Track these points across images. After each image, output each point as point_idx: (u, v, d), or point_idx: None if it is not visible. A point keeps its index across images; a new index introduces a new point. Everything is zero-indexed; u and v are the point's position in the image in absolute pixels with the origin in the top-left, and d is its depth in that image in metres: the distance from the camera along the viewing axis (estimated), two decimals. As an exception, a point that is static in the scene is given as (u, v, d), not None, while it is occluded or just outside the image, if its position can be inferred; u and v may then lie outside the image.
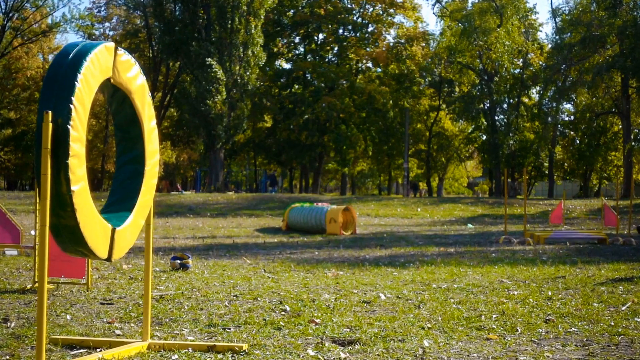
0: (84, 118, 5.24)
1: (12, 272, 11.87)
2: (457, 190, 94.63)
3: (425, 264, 13.97)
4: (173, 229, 26.44)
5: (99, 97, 49.80)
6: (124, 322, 7.56)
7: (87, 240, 5.26)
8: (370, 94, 65.06)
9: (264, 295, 9.47)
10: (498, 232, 25.41)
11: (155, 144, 6.39)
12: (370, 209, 40.15)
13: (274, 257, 15.76)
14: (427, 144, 72.19)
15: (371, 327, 7.27)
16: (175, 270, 12.37)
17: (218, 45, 53.76)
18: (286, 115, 65.43)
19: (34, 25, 70.40)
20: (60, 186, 5.06)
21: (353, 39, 69.03)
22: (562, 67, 58.47)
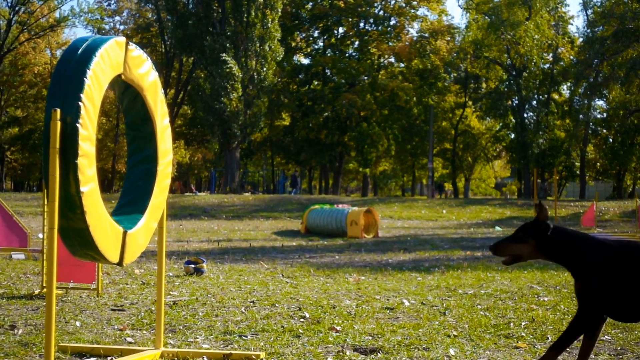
0: (93, 116, 5.25)
1: (20, 277, 11.92)
2: (484, 192, 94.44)
3: (451, 268, 13.94)
4: (187, 232, 26.49)
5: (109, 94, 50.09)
6: (136, 329, 7.58)
7: (97, 244, 5.27)
8: (393, 90, 64.97)
9: (282, 301, 9.47)
10: (527, 235, 25.26)
11: (168, 143, 6.40)
12: (393, 211, 40.11)
13: (292, 262, 15.76)
14: (453, 142, 72.10)
15: (394, 334, 7.25)
16: (190, 275, 12.38)
17: (233, 39, 53.83)
18: (305, 113, 65.48)
19: (42, 19, 70.72)
20: (69, 187, 5.06)
21: (374, 33, 68.97)
22: (594, 62, 58.23)
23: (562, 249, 5.14)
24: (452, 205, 45.33)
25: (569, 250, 5.13)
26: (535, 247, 5.16)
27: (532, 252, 5.20)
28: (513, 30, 60.54)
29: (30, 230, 15.67)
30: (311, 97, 65.92)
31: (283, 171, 75.79)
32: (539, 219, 5.18)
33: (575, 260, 5.12)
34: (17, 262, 14.66)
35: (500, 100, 65.11)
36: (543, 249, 5.16)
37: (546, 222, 5.17)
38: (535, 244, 5.16)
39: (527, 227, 5.22)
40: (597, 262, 5.07)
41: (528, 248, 5.18)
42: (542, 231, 5.14)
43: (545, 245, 5.14)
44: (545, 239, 5.14)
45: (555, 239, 5.15)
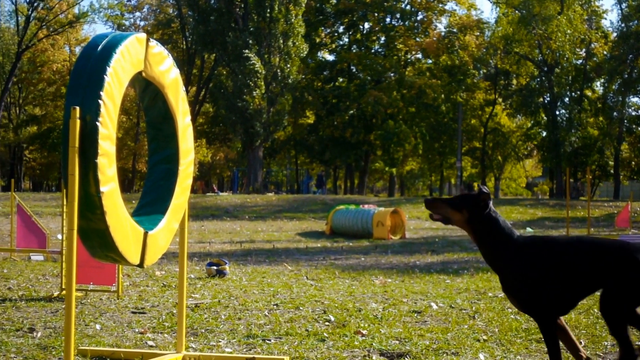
0: (113, 114, 5.27)
1: (38, 279, 11.99)
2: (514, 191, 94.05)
3: (480, 270, 13.90)
4: (209, 233, 26.57)
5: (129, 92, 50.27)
6: (157, 332, 7.61)
7: (118, 245, 5.28)
8: (421, 87, 64.84)
9: (306, 304, 9.47)
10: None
11: (189, 142, 6.41)
12: (421, 211, 40.01)
13: (317, 263, 15.77)
14: (482, 141, 71.81)
15: (422, 339, 7.25)
16: (212, 277, 12.42)
17: (256, 35, 53.87)
18: (329, 111, 65.46)
19: (60, 15, 71.07)
20: (89, 187, 5.08)
21: (401, 28, 68.84)
22: (629, 58, 57.94)
23: (489, 231, 5.33)
24: (482, 205, 45.15)
25: (494, 237, 5.32)
26: (467, 219, 5.36)
27: (461, 221, 5.40)
28: (545, 24, 60.27)
29: (49, 231, 15.80)
30: (336, 94, 65.87)
31: (307, 171, 75.80)
32: (480, 195, 5.33)
33: (496, 249, 5.32)
34: (35, 263, 14.75)
35: (531, 97, 64.85)
36: (472, 224, 5.35)
37: (486, 200, 5.32)
38: (468, 215, 5.34)
39: (466, 197, 5.41)
40: (515, 258, 5.26)
41: (459, 216, 5.38)
42: (479, 207, 5.31)
43: (476, 221, 5.33)
44: (478, 216, 5.32)
45: (487, 219, 5.32)
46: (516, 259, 5.28)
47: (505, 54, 66.54)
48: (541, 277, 5.19)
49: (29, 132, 76.02)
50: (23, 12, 68.62)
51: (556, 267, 5.19)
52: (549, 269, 5.20)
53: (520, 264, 5.26)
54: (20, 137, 74.35)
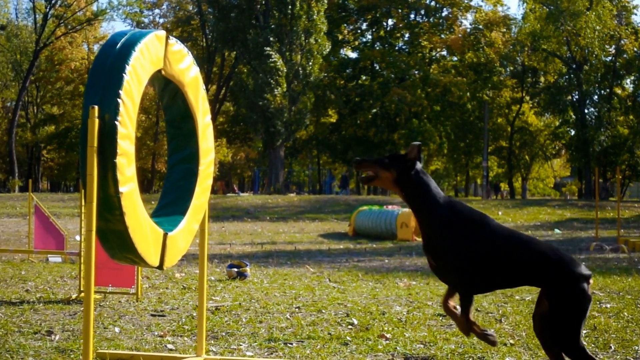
0: (133, 113, 5.28)
1: (56, 281, 12.04)
2: (542, 192, 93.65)
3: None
4: (229, 234, 26.61)
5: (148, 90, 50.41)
6: (177, 335, 7.62)
7: (137, 247, 5.30)
8: (446, 86, 64.72)
9: (328, 307, 9.47)
10: (588, 239, 25.09)
11: (210, 142, 6.43)
12: (446, 212, 39.89)
13: (339, 266, 15.76)
14: (509, 140, 71.57)
15: (447, 343, 7.23)
16: (232, 280, 12.43)
17: (277, 32, 53.93)
18: (352, 110, 65.45)
19: (78, 12, 71.38)
20: (108, 187, 5.10)
21: (426, 25, 68.79)
22: (660, 54, 57.59)
23: (416, 192, 5.38)
24: (509, 206, 45.05)
25: (421, 198, 5.38)
26: (395, 178, 5.41)
27: (389, 180, 5.45)
28: (573, 21, 60.03)
29: (67, 233, 15.86)
30: (359, 92, 65.81)
31: (329, 171, 75.73)
32: (408, 155, 5.40)
33: (425, 209, 5.38)
34: (53, 265, 14.81)
35: (559, 95, 64.62)
36: (400, 184, 5.40)
37: (414, 160, 5.38)
38: (396, 175, 5.40)
39: (394, 157, 5.46)
40: (444, 220, 5.31)
41: (388, 175, 5.42)
42: (406, 166, 5.37)
43: (405, 181, 5.38)
44: (406, 175, 5.37)
45: (416, 178, 5.37)
46: (440, 225, 5.32)
47: (532, 50, 66.31)
48: (463, 250, 5.23)
49: (46, 132, 76.42)
50: (41, 10, 69.02)
51: (479, 247, 5.23)
52: (472, 242, 5.24)
53: (443, 231, 5.30)
54: (38, 137, 74.75)
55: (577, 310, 5.00)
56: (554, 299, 5.05)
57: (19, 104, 68.97)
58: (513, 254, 5.19)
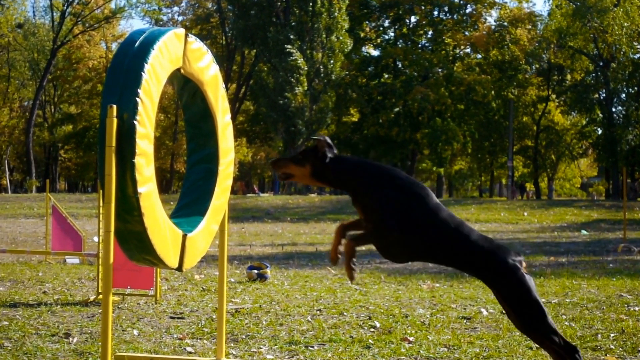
0: (151, 113, 5.30)
1: (74, 283, 12.09)
2: (568, 192, 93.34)
3: (533, 275, 13.80)
4: (249, 236, 26.64)
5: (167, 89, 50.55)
6: (196, 338, 7.64)
7: (156, 248, 5.31)
8: (470, 84, 64.58)
9: (350, 309, 9.47)
10: (616, 240, 24.98)
11: (229, 141, 6.43)
12: (470, 213, 39.89)
13: (361, 267, 15.74)
14: (535, 139, 71.39)
15: (472, 346, 7.22)
16: (252, 281, 12.45)
17: (298, 30, 53.95)
18: (374, 108, 65.39)
19: (96, 10, 71.71)
20: (126, 188, 5.12)
21: (449, 22, 68.66)
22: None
23: (344, 177, 5.44)
24: (534, 207, 44.93)
25: (351, 180, 5.42)
26: (311, 173, 5.49)
27: (306, 176, 5.53)
28: (600, 17, 59.79)
29: (85, 234, 15.92)
30: (381, 91, 65.75)
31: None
32: (317, 148, 5.45)
33: (360, 189, 5.39)
34: (71, 266, 14.86)
35: (586, 94, 64.37)
36: (318, 176, 5.49)
37: (324, 151, 5.44)
38: (311, 169, 5.47)
39: (306, 152, 5.54)
40: (384, 194, 5.33)
41: (303, 171, 5.50)
42: (319, 159, 5.44)
43: (322, 173, 5.46)
44: (321, 167, 5.45)
45: (335, 167, 5.42)
46: (380, 196, 5.34)
47: (558, 48, 66.08)
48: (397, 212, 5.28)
49: (64, 131, 76.75)
50: (58, 8, 69.37)
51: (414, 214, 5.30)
52: (406, 207, 5.30)
53: (381, 196, 5.34)
54: (55, 137, 75.11)
55: (523, 293, 5.12)
56: (498, 290, 5.22)
57: (36, 103, 69.33)
58: (445, 235, 5.26)
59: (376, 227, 5.30)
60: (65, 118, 77.90)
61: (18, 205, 41.82)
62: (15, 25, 74.74)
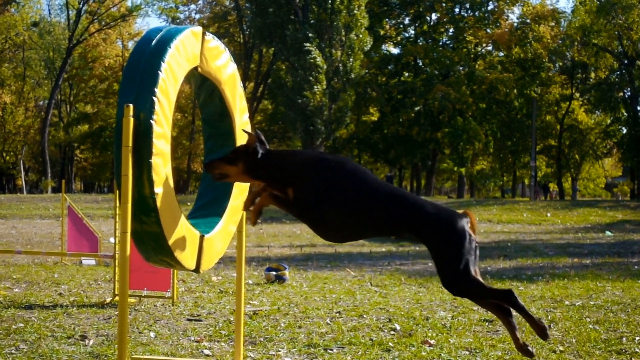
0: (168, 112, 5.31)
1: (90, 284, 12.13)
2: (592, 193, 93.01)
3: (556, 277, 13.78)
4: (267, 237, 26.66)
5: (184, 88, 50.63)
6: (214, 340, 7.65)
7: (173, 249, 5.32)
8: (492, 83, 64.43)
9: (370, 312, 9.47)
10: (642, 241, 24.92)
11: (248, 141, 6.44)
12: (492, 213, 39.81)
13: (381, 269, 15.74)
14: (558, 139, 71.17)
15: (494, 349, 7.21)
16: (271, 283, 12.46)
17: (317, 28, 53.88)
18: (394, 107, 65.28)
19: (112, 8, 71.93)
20: (143, 188, 5.13)
21: (471, 19, 68.51)
22: None
23: (275, 171, 5.47)
24: (558, 207, 44.80)
25: (282, 172, 5.46)
26: (244, 170, 5.52)
27: (240, 174, 5.56)
28: (625, 14, 59.59)
29: (101, 235, 15.98)
30: (401, 89, 65.63)
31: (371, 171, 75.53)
32: (248, 144, 5.51)
33: (292, 182, 5.43)
34: (87, 268, 14.92)
35: (610, 92, 64.14)
36: (253, 173, 5.53)
37: (255, 147, 5.48)
38: (243, 167, 5.50)
39: (237, 151, 5.60)
40: (314, 184, 5.38)
41: (236, 170, 5.53)
42: (250, 155, 5.48)
43: (256, 169, 5.50)
44: (253, 163, 5.48)
45: (265, 162, 5.46)
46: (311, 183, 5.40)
47: (582, 45, 65.87)
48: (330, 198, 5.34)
49: (80, 131, 77.01)
50: (74, 6, 69.62)
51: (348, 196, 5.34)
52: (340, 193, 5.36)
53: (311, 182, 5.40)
54: (71, 136, 75.37)
55: (458, 248, 5.14)
56: (434, 245, 5.24)
57: (52, 102, 69.59)
58: (383, 200, 5.34)
59: (310, 210, 5.36)
60: (81, 117, 78.14)
61: (33, 206, 41.99)
62: (31, 23, 75.09)
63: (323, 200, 5.28)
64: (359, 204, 5.30)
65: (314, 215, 5.33)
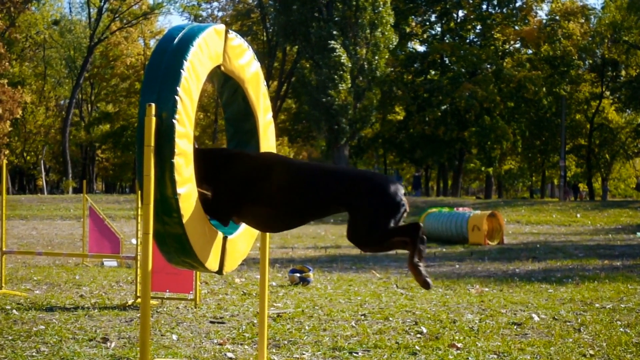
0: (191, 111, 5.32)
1: (112, 286, 12.17)
2: (623, 193, 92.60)
3: (586, 279, 13.73)
4: (291, 238, 26.69)
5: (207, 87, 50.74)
6: (237, 343, 7.66)
7: (195, 251, 5.33)
8: (520, 81, 64.21)
9: (396, 314, 9.46)
10: (674, 242, 24.80)
11: (271, 140, 6.45)
12: (521, 214, 39.68)
13: (407, 271, 15.72)
14: (588, 138, 70.84)
15: (522, 353, 7.18)
16: (295, 285, 12.47)
17: (342, 25, 53.86)
18: (421, 106, 65.13)
19: (134, 6, 72.08)
20: (165, 189, 5.14)
21: (498, 16, 68.29)
22: None
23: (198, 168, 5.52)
24: (588, 208, 44.62)
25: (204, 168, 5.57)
26: None
27: None
28: (657, 10, 59.27)
29: (122, 236, 16.03)
30: (428, 88, 65.48)
31: (397, 171, 75.48)
32: None
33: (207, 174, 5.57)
34: (109, 269, 14.98)
35: (642, 90, 63.86)
36: None
37: None
38: None
39: None
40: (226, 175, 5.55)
41: None
42: None
43: None
44: None
45: None
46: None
47: (612, 42, 65.57)
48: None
49: (101, 131, 77.21)
50: (95, 4, 69.88)
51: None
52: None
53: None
54: (92, 136, 75.61)
55: (384, 208, 5.26)
56: (362, 206, 5.31)
57: (73, 102, 69.85)
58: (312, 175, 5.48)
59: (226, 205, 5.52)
60: (103, 117, 78.34)
61: (54, 207, 42.17)
62: (52, 22, 75.41)
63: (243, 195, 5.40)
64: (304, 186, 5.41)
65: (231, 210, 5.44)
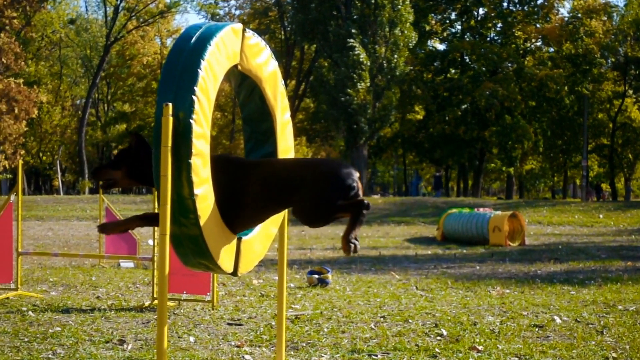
0: (208, 111, 5.33)
1: (128, 287, 12.20)
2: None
3: (609, 281, 13.68)
4: (310, 239, 26.69)
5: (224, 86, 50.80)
6: (255, 345, 7.67)
7: (212, 252, 5.33)
8: (542, 80, 64.05)
9: (416, 316, 9.45)
10: (698, 244, 24.69)
11: (289, 140, 6.45)
12: (542, 215, 39.57)
13: (427, 272, 15.72)
14: (611, 137, 70.62)
15: (544, 355, 7.17)
16: (313, 287, 12.47)
17: (360, 24, 53.82)
18: (440, 105, 65.08)
19: (151, 5, 72.22)
20: (182, 189, 5.15)
21: (519, 14, 68.16)
22: None
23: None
24: (610, 209, 44.46)
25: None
26: (127, 174, 5.58)
27: (125, 178, 5.61)
28: (681, 8, 59.07)
29: (139, 237, 16.07)
30: (448, 87, 65.42)
31: (416, 171, 75.43)
32: (131, 145, 5.57)
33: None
34: (125, 271, 15.02)
35: (665, 89, 63.64)
36: (137, 176, 5.58)
37: (137, 148, 5.56)
38: (126, 170, 5.57)
39: (120, 154, 5.63)
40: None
41: (119, 174, 5.59)
42: (133, 158, 5.55)
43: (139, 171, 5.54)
44: (137, 165, 5.54)
45: (149, 163, 5.39)
46: None
47: (636, 40, 65.35)
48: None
49: (117, 130, 77.42)
50: (111, 2, 70.09)
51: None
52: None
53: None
54: (108, 136, 75.85)
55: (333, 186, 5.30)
56: (314, 186, 5.29)
57: (89, 101, 70.07)
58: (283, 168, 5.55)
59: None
60: (119, 117, 78.56)
61: (70, 207, 42.33)
62: (68, 21, 75.70)
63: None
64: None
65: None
